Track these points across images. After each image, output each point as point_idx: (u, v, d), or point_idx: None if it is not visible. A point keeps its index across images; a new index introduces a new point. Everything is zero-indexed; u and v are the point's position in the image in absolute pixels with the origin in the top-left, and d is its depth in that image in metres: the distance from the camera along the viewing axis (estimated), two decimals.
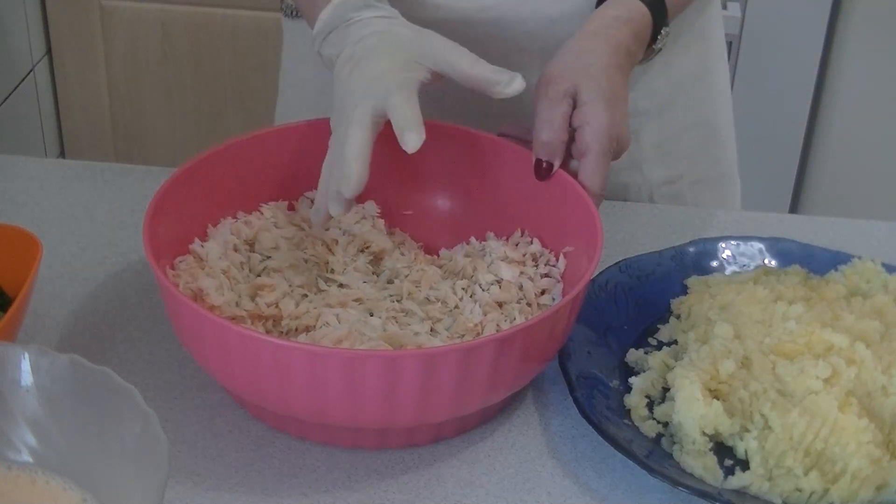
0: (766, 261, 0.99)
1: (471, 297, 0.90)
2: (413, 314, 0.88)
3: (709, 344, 0.87)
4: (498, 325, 0.87)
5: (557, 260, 0.92)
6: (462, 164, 0.98)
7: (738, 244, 0.99)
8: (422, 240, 0.98)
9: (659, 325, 0.93)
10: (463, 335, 0.86)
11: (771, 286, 0.92)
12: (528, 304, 0.89)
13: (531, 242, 0.94)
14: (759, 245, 0.99)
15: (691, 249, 0.98)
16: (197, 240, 0.91)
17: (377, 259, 0.95)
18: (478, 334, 0.86)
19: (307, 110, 1.08)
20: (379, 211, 0.98)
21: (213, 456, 0.82)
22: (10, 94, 2.07)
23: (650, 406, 0.86)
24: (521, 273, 0.91)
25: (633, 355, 0.90)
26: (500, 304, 0.89)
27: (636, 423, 0.84)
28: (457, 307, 0.89)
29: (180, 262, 0.89)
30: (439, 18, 1.03)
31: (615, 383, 0.87)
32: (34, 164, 1.15)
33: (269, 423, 0.84)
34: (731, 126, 1.22)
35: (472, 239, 0.97)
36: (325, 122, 0.93)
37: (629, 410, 0.85)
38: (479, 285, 0.91)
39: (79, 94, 2.22)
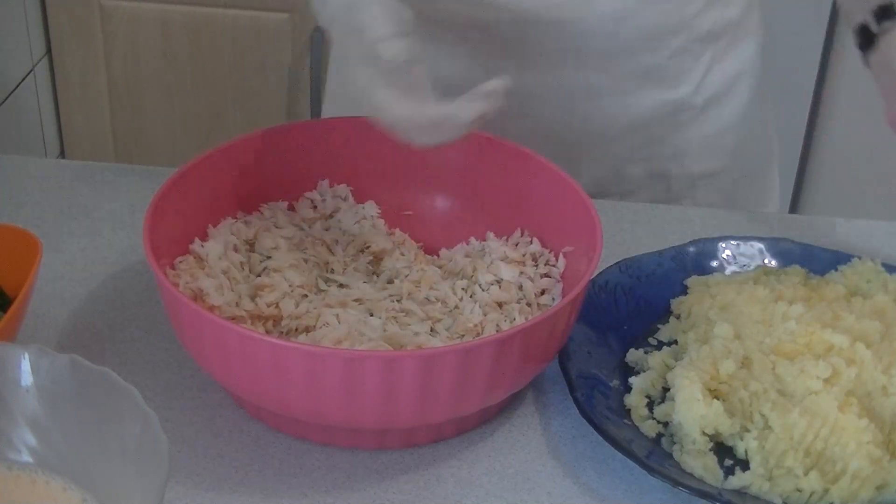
0: (766, 261, 0.99)
1: (471, 297, 0.90)
2: (413, 314, 0.88)
3: (709, 344, 0.87)
4: (498, 326, 0.87)
5: (557, 260, 0.92)
6: (462, 164, 0.98)
7: (738, 244, 0.99)
8: (422, 240, 0.98)
9: (659, 326, 0.93)
10: (463, 335, 0.86)
11: (771, 286, 0.92)
12: (528, 304, 0.89)
13: (531, 242, 0.94)
14: (759, 245, 0.99)
15: (691, 249, 0.98)
16: (197, 240, 0.91)
17: (377, 259, 0.95)
18: (478, 334, 0.86)
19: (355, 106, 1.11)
20: (379, 211, 0.98)
21: (213, 456, 0.82)
22: (10, 94, 2.06)
23: (650, 406, 0.86)
24: (521, 273, 0.91)
25: (633, 355, 0.90)
26: (500, 304, 0.89)
27: (636, 423, 0.84)
28: (457, 307, 0.89)
29: (180, 262, 0.89)
30: (499, 19, 1.03)
31: (615, 383, 0.87)
32: (34, 164, 1.15)
33: (268, 423, 0.84)
34: (773, 124, 1.23)
35: (472, 239, 0.97)
36: (324, 122, 0.93)
37: (629, 410, 0.85)
38: (479, 285, 0.91)
39: (79, 94, 2.22)
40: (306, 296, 0.88)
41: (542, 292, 0.91)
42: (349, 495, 0.79)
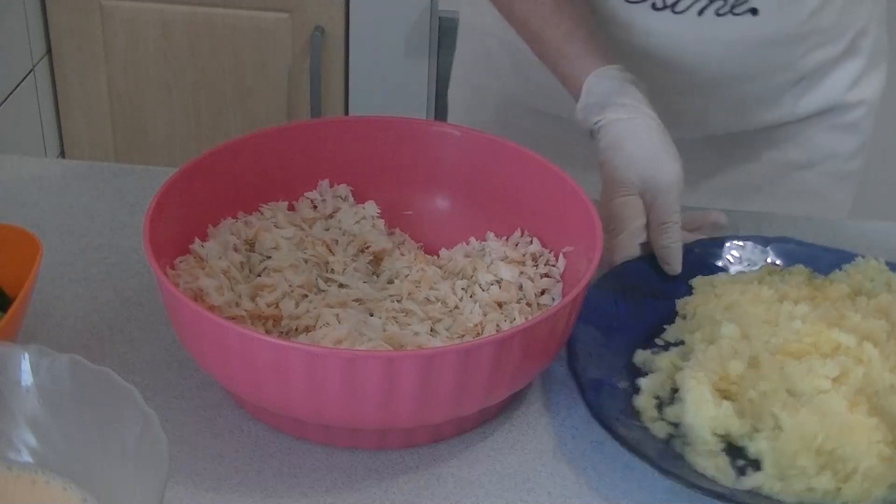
0: (770, 260, 0.98)
1: (471, 297, 0.90)
2: (413, 314, 0.87)
3: (716, 344, 0.87)
4: (498, 326, 0.87)
5: (557, 260, 0.92)
6: (462, 164, 0.98)
7: (742, 244, 0.99)
8: (422, 240, 0.98)
9: (665, 326, 0.93)
10: (463, 335, 0.86)
11: (775, 286, 0.92)
12: (528, 304, 0.89)
13: (531, 242, 0.94)
14: (762, 245, 0.99)
15: (696, 250, 0.98)
16: (197, 240, 0.91)
17: (377, 259, 0.95)
18: (478, 334, 0.86)
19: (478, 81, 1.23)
20: (379, 211, 0.98)
21: (213, 456, 0.82)
22: (10, 94, 2.07)
23: (660, 406, 0.86)
24: (521, 273, 0.91)
25: (640, 356, 0.90)
26: (500, 304, 0.89)
27: (646, 425, 0.84)
28: (457, 307, 0.89)
29: (180, 262, 0.89)
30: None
31: (624, 385, 0.87)
32: (34, 164, 1.15)
33: (268, 423, 0.84)
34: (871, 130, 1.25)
35: (472, 239, 0.97)
36: (324, 122, 0.93)
37: (639, 412, 0.85)
38: (479, 285, 0.91)
39: (79, 94, 2.22)
40: (306, 296, 0.88)
41: (542, 292, 0.91)
42: (349, 495, 0.79)
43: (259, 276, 0.90)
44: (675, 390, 0.86)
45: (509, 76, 1.19)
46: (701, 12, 1.04)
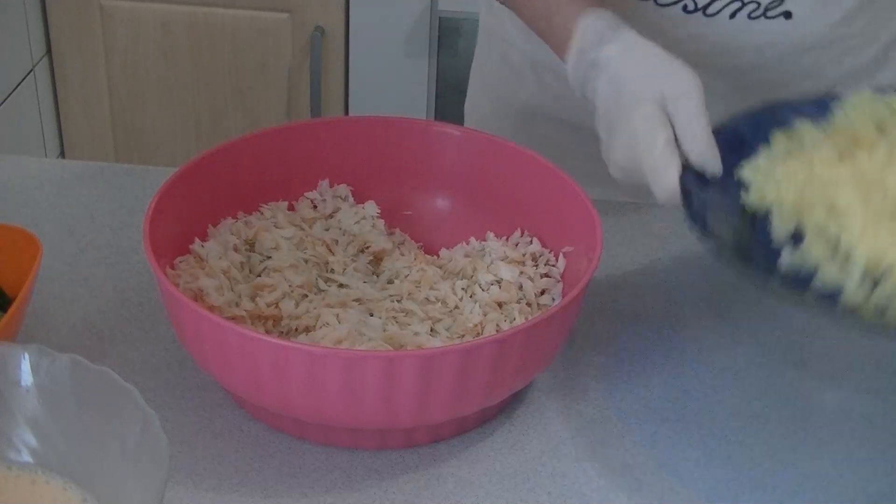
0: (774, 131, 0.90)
1: (471, 297, 0.90)
2: (413, 314, 0.88)
3: (849, 209, 0.79)
4: (498, 326, 0.87)
5: (557, 260, 0.92)
6: (462, 164, 0.98)
7: (738, 128, 0.90)
8: (422, 240, 0.98)
9: (767, 228, 0.83)
10: (463, 335, 0.86)
11: (821, 143, 0.86)
12: (528, 304, 0.89)
13: (531, 242, 0.94)
14: (752, 123, 0.91)
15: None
16: (197, 240, 0.91)
17: (377, 259, 0.95)
18: (478, 334, 0.86)
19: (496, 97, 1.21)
20: (379, 211, 0.98)
21: (213, 456, 0.82)
22: (10, 94, 2.07)
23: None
24: (521, 273, 0.92)
25: (784, 262, 0.80)
26: (500, 304, 0.89)
27: (877, 319, 0.75)
28: (457, 307, 0.89)
29: (180, 262, 0.89)
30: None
31: (809, 300, 0.78)
32: (34, 164, 1.15)
33: (268, 423, 0.84)
34: None
35: (472, 239, 0.97)
36: (324, 122, 0.93)
37: (857, 308, 0.75)
38: (479, 285, 0.91)
39: (79, 94, 2.22)
40: (306, 296, 0.89)
41: (542, 292, 0.91)
42: (349, 495, 0.79)
43: (259, 276, 0.90)
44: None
45: (531, 83, 1.19)
46: (733, 15, 1.03)
